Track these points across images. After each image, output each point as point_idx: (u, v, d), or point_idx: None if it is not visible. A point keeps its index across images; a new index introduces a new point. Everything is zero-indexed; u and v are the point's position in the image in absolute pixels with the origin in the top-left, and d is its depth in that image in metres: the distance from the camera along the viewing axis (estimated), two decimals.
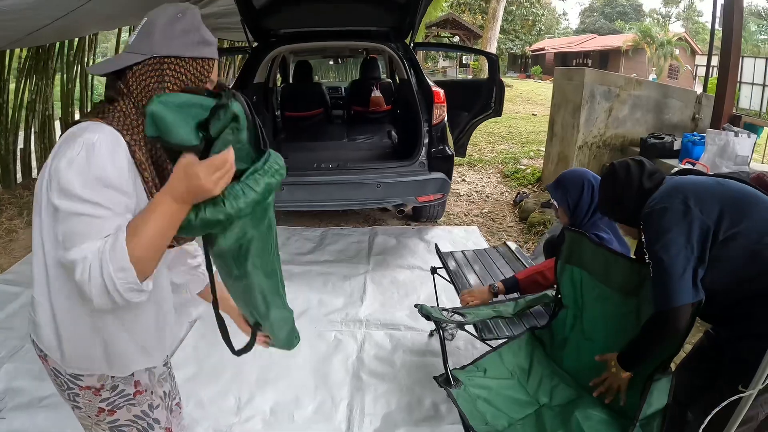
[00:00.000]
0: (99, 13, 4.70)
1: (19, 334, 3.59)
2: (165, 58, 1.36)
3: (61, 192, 1.22)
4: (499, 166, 9.05)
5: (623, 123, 6.75)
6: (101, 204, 1.22)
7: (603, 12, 68.26)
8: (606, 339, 2.39)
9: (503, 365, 2.61)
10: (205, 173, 1.20)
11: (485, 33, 23.57)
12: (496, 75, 5.91)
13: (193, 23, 1.41)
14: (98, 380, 1.49)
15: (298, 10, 5.19)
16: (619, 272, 2.33)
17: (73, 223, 1.22)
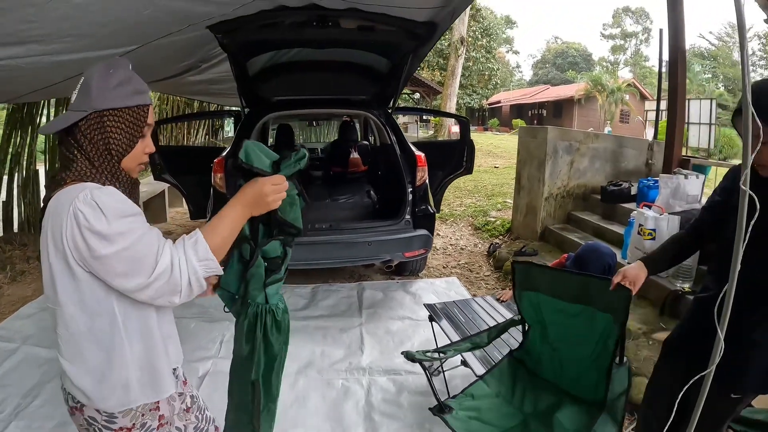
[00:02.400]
0: None
1: (20, 392, 3.66)
2: (104, 111, 1.53)
3: (101, 240, 1.40)
4: (469, 219, 9.44)
5: (584, 174, 7.24)
6: (135, 229, 1.46)
7: (554, 63, 70.14)
8: (570, 343, 2.80)
9: (488, 389, 2.94)
10: (269, 188, 1.63)
11: (445, 89, 24.12)
12: (467, 136, 6.32)
13: (125, 75, 1.58)
14: (130, 420, 1.64)
15: (288, 79, 5.68)
16: (567, 285, 2.74)
17: (132, 252, 1.43)
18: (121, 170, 1.60)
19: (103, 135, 1.54)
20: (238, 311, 1.90)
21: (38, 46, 3.35)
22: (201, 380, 3.92)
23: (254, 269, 1.78)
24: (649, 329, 4.24)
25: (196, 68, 6.00)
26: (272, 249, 1.80)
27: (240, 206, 1.63)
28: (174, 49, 4.68)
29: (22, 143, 7.40)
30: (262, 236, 1.79)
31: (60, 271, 1.47)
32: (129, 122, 1.58)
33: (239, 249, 1.79)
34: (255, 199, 1.64)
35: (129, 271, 1.43)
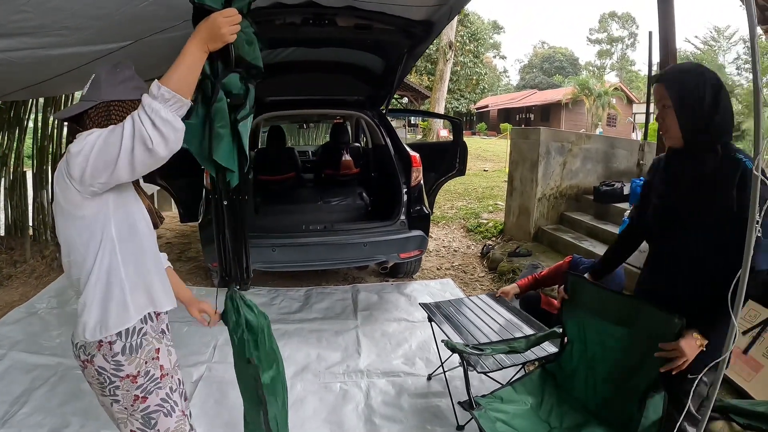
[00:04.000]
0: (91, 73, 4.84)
1: (8, 399, 3.57)
2: (111, 102, 1.83)
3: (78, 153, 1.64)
4: (461, 221, 9.43)
5: (576, 174, 7.25)
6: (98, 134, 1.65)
7: (542, 68, 70.63)
8: (608, 365, 2.69)
9: (517, 395, 2.90)
10: (221, 20, 1.69)
11: (433, 94, 24.13)
12: (459, 138, 6.31)
13: (129, 74, 1.90)
14: (135, 367, 1.87)
15: (282, 80, 5.60)
16: (616, 306, 2.64)
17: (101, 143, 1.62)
18: None
19: (108, 121, 1.80)
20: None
21: (31, 39, 3.29)
22: (195, 385, 3.87)
23: (217, 104, 1.86)
24: None
25: None
26: (233, 83, 1.88)
27: (194, 42, 1.68)
28: (168, 47, 4.56)
29: (9, 144, 7.26)
30: (221, 72, 1.86)
31: (69, 214, 1.75)
32: (130, 112, 1.69)
33: (201, 89, 1.86)
34: (208, 32, 1.69)
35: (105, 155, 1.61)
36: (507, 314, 3.80)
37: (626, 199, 6.42)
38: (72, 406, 3.48)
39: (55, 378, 3.85)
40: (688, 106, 2.09)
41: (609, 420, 2.63)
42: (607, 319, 2.68)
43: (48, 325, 4.81)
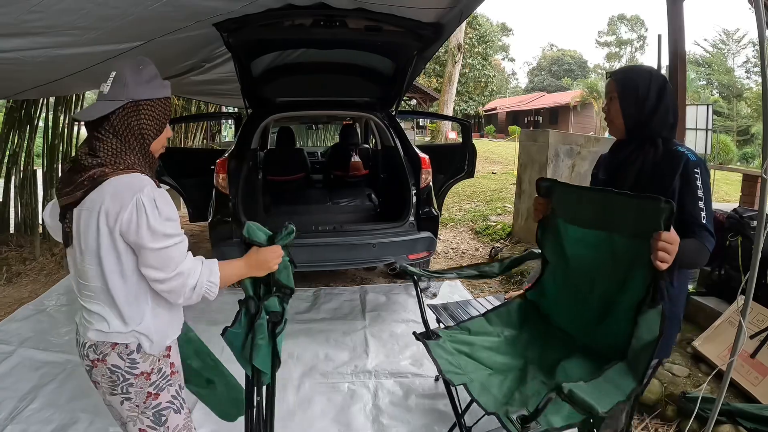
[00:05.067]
0: (105, 73, 4.84)
1: (17, 395, 3.59)
2: (140, 102, 1.83)
3: (152, 236, 1.73)
4: (469, 223, 9.43)
5: (585, 177, 7.14)
6: (176, 234, 1.80)
7: (550, 70, 70.48)
8: (592, 284, 2.33)
9: (490, 327, 2.69)
10: (270, 255, 2.09)
11: (442, 96, 24.11)
12: (468, 140, 6.30)
13: (153, 71, 1.89)
14: (149, 365, 1.91)
15: (292, 81, 5.68)
16: (588, 207, 2.31)
17: (167, 252, 1.77)
18: (149, 152, 1.89)
19: (138, 121, 1.83)
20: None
21: (43, 38, 3.33)
22: None
23: (260, 321, 2.13)
24: None
25: (199, 68, 5.98)
26: (272, 304, 2.16)
27: (246, 266, 2.07)
28: (178, 48, 4.68)
29: (20, 143, 7.35)
30: (264, 294, 2.18)
31: (107, 245, 1.76)
32: (160, 111, 1.89)
33: (246, 306, 2.16)
34: (259, 263, 2.08)
35: (158, 265, 1.77)
36: None
37: None
38: (81, 402, 3.49)
39: (63, 375, 3.87)
40: (632, 99, 2.22)
41: (596, 350, 2.28)
42: (583, 225, 2.33)
43: (57, 322, 4.84)
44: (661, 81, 2.22)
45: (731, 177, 16.18)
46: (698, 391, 3.26)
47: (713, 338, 3.79)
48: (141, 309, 1.86)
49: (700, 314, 4.22)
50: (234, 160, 5.11)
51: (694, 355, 3.82)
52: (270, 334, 2.17)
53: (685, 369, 3.66)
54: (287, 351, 4.32)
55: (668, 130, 2.21)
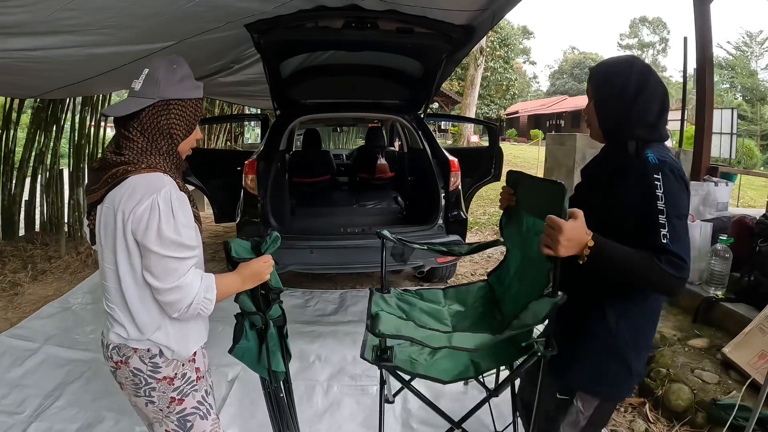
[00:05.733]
0: (135, 73, 4.85)
1: (42, 392, 3.60)
2: (171, 101, 1.80)
3: (160, 240, 1.68)
4: (493, 227, 9.30)
5: None
6: (186, 244, 1.74)
7: (572, 73, 70.04)
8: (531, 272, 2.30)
9: (444, 299, 2.88)
10: (263, 266, 2.00)
11: (464, 99, 24.15)
12: (495, 143, 6.26)
13: (187, 71, 1.86)
14: (173, 370, 1.89)
15: (320, 82, 5.65)
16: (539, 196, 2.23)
17: (171, 263, 1.71)
18: (177, 152, 1.87)
19: (168, 121, 1.80)
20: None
21: (74, 36, 3.34)
22: (231, 384, 3.85)
23: (271, 331, 2.15)
24: (684, 336, 4.17)
25: (228, 69, 5.99)
26: (275, 312, 2.16)
27: (241, 280, 1.98)
28: (208, 49, 4.72)
29: (47, 143, 7.37)
30: (265, 307, 2.13)
31: (122, 244, 1.73)
32: (190, 112, 1.87)
33: (250, 320, 2.13)
34: (253, 275, 2.00)
35: (158, 273, 1.71)
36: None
37: None
38: (106, 401, 3.48)
39: (89, 373, 3.87)
40: (607, 98, 1.99)
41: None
42: (534, 214, 2.31)
43: (82, 320, 4.86)
44: (641, 73, 1.94)
45: (756, 182, 16.08)
46: (730, 399, 3.25)
47: (743, 345, 3.69)
48: (156, 315, 1.83)
49: (730, 321, 4.13)
50: (263, 162, 5.11)
51: (723, 361, 3.73)
52: (279, 338, 2.22)
53: (714, 376, 3.58)
54: (315, 353, 4.32)
55: (645, 130, 1.93)
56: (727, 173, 6.40)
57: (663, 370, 3.72)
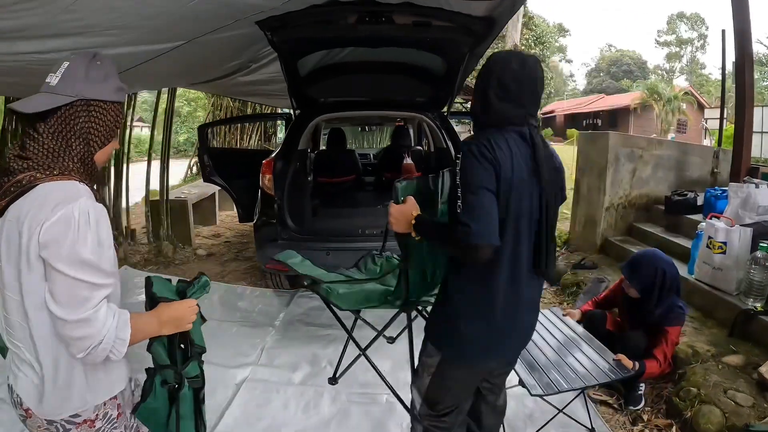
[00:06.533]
0: (150, 74, 4.87)
1: None
2: (91, 101, 1.59)
3: (70, 258, 1.44)
4: None
5: (647, 182, 6.90)
6: (102, 268, 1.51)
7: (609, 72, 69.21)
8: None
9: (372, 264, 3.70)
10: (186, 311, 1.80)
11: None
12: None
13: (112, 70, 1.68)
14: (93, 411, 1.66)
15: (340, 80, 5.56)
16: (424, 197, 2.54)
17: (82, 289, 1.47)
18: (93, 161, 1.65)
19: (86, 124, 1.60)
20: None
21: (83, 38, 3.29)
22: (238, 387, 3.83)
23: (184, 391, 1.90)
24: (719, 352, 3.84)
25: (246, 68, 5.92)
26: (192, 369, 1.93)
27: (158, 323, 1.74)
28: (222, 48, 4.64)
29: None
30: (181, 362, 1.90)
31: (29, 266, 1.48)
32: (112, 116, 1.67)
33: (161, 376, 1.86)
34: (172, 320, 1.77)
35: (63, 300, 1.46)
36: (568, 331, 3.60)
37: (699, 210, 6.01)
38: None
39: None
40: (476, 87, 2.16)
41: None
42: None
43: None
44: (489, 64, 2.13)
45: None
46: (764, 425, 2.98)
47: None
48: (67, 366, 1.58)
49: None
50: (280, 161, 5.08)
51: (760, 382, 3.40)
52: (194, 402, 1.98)
53: (749, 398, 3.27)
54: (327, 358, 4.26)
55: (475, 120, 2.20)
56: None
57: (693, 390, 3.44)
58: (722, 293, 4.42)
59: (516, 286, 2.09)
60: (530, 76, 2.04)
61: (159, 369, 1.85)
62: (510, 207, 1.96)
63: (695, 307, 4.60)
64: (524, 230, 2.03)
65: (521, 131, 2.03)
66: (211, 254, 7.54)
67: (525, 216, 2.01)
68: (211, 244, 8.10)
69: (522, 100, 2.04)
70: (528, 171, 2.00)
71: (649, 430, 3.45)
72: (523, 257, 2.06)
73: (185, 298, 1.86)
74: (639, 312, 3.66)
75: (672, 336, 3.48)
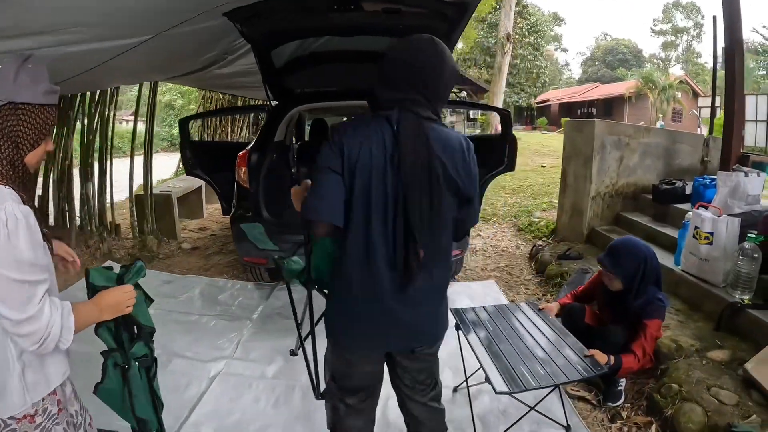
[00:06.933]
0: (124, 69, 4.82)
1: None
2: (20, 105, 1.61)
3: (17, 262, 1.49)
4: (512, 219, 9.08)
5: (634, 171, 6.82)
6: (40, 264, 1.58)
7: (604, 60, 69.09)
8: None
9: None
10: (122, 295, 1.90)
11: (492, 87, 23.90)
12: (508, 130, 5.94)
13: (42, 74, 1.68)
14: (32, 407, 1.68)
15: (316, 71, 5.46)
16: None
17: (27, 289, 1.52)
18: (23, 164, 1.67)
19: (15, 126, 1.61)
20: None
21: (49, 37, 3.25)
22: (211, 381, 3.80)
23: (131, 371, 2.04)
24: (703, 346, 3.71)
25: (222, 60, 5.81)
26: (139, 350, 2.05)
27: (97, 309, 1.84)
28: (194, 41, 4.57)
29: (57, 140, 7.31)
30: (126, 342, 2.02)
31: None
32: (42, 119, 1.68)
33: (112, 359, 2.02)
34: (110, 305, 1.86)
35: (10, 301, 1.50)
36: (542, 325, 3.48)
37: (688, 200, 5.93)
38: None
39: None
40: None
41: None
42: None
43: None
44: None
45: None
46: (748, 425, 2.85)
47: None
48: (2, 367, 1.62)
49: (757, 330, 3.66)
50: (256, 154, 5.00)
51: (745, 379, 3.25)
52: (145, 380, 2.09)
53: (734, 395, 3.13)
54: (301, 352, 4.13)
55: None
56: (760, 163, 6.00)
57: (675, 386, 3.32)
58: (709, 285, 4.32)
59: (375, 275, 2.03)
60: (409, 60, 1.99)
61: (109, 352, 1.99)
62: (354, 190, 1.94)
63: (681, 299, 4.52)
64: (377, 217, 1.98)
65: (389, 116, 1.97)
66: (196, 248, 7.46)
67: (378, 203, 1.96)
68: (196, 238, 8.04)
69: (397, 83, 2.00)
70: (386, 157, 1.94)
71: (627, 428, 3.33)
72: (378, 245, 2.00)
73: (123, 284, 1.97)
74: (619, 305, 3.53)
75: (651, 330, 3.31)
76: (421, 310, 2.16)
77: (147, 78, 7.28)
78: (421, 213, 1.94)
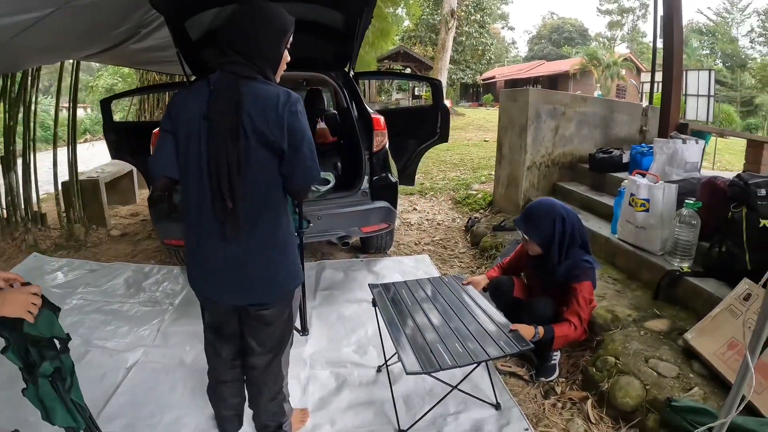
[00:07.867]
0: (35, 47, 4.62)
1: None
2: None
3: None
4: (450, 192, 8.95)
5: (570, 141, 6.70)
6: None
7: (550, 39, 69.73)
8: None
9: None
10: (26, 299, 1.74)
11: (436, 63, 23.95)
12: (439, 101, 5.78)
13: None
14: None
15: None
16: None
17: None
18: None
19: None
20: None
21: None
22: (127, 371, 3.59)
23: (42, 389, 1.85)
24: (641, 316, 3.59)
25: (137, 34, 5.47)
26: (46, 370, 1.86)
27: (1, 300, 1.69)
28: (101, 13, 4.30)
29: None
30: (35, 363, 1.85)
31: None
32: None
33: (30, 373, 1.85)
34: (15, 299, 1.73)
35: None
36: (467, 299, 3.29)
37: (625, 168, 5.83)
38: None
39: None
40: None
41: None
42: None
43: None
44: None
45: (735, 146, 15.76)
46: (689, 398, 2.70)
47: (710, 330, 3.08)
48: None
49: (696, 299, 3.55)
50: None
51: (685, 349, 3.15)
52: (59, 394, 1.92)
53: (674, 367, 3.02)
54: None
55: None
56: (700, 131, 5.91)
57: (611, 359, 3.17)
58: (647, 254, 4.22)
59: (202, 223, 2.16)
60: (222, 24, 2.18)
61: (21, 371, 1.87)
62: (179, 146, 2.12)
63: (618, 268, 4.45)
64: (195, 171, 2.10)
65: (210, 77, 2.12)
66: (125, 234, 7.14)
67: (194, 156, 2.08)
68: (127, 224, 7.69)
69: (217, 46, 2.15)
70: (201, 115, 2.05)
71: (562, 404, 3.18)
72: (203, 197, 2.11)
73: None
74: (545, 273, 3.35)
75: (583, 293, 3.13)
76: (249, 265, 2.22)
77: (62, 57, 6.86)
78: (228, 164, 2.01)
